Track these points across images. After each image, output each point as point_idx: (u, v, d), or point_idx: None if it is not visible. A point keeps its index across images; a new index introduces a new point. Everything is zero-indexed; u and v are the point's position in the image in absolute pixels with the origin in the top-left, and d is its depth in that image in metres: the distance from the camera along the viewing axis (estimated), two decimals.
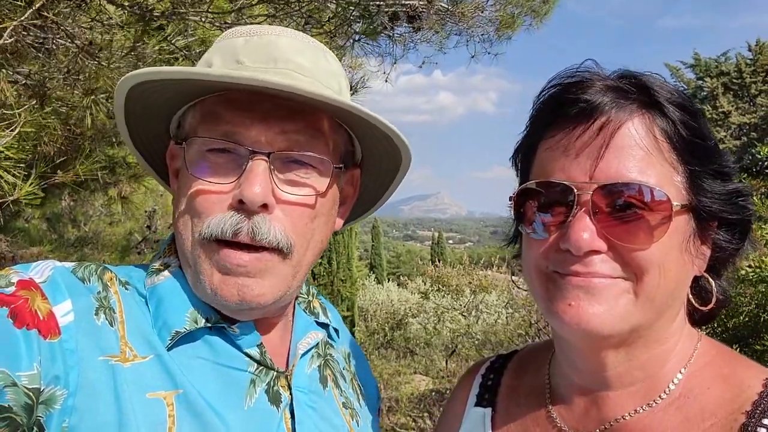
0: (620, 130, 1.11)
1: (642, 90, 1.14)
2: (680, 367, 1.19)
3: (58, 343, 1.07)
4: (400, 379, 13.88)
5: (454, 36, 5.89)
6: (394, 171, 1.53)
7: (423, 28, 5.67)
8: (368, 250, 58.21)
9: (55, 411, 1.04)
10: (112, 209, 11.90)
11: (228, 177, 1.24)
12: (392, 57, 5.88)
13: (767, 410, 1.05)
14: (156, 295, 1.29)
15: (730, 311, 5.90)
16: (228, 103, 1.26)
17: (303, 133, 1.27)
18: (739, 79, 25.92)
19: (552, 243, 1.16)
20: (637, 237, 1.09)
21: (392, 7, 5.16)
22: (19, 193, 2.20)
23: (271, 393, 1.30)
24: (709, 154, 1.15)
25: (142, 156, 1.52)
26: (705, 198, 1.14)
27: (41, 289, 1.12)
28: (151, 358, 1.18)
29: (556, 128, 1.17)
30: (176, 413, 1.15)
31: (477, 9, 5.32)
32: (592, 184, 1.10)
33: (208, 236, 1.22)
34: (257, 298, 1.24)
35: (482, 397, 1.50)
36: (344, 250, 20.39)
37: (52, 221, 12.15)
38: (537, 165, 1.23)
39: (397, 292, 20.13)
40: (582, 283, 1.11)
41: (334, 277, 19.82)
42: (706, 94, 26.75)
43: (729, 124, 25.38)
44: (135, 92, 1.30)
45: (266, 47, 1.31)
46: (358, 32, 3.69)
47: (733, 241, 1.20)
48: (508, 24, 5.52)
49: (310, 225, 1.31)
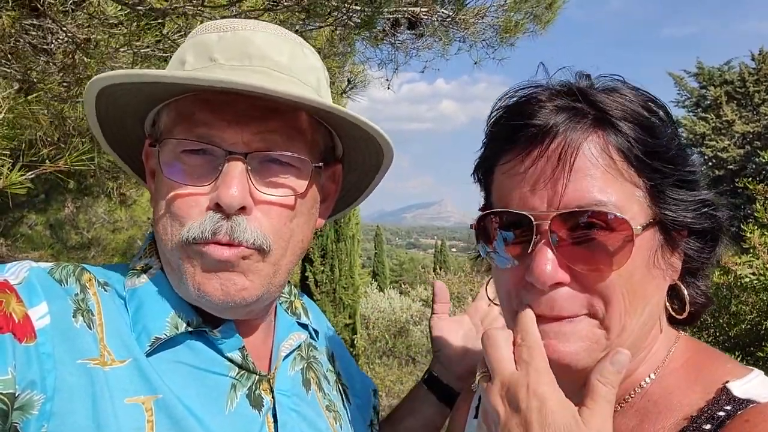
0: (575, 153, 1.06)
1: (593, 107, 1.09)
2: (650, 372, 1.18)
3: (34, 346, 1.04)
4: (403, 387, 13.83)
5: (457, 42, 5.90)
6: (377, 165, 1.50)
7: (425, 35, 5.68)
8: (371, 258, 58.16)
9: (32, 416, 1.01)
10: (114, 216, 11.92)
11: (204, 180, 1.21)
12: (394, 63, 5.89)
13: (712, 416, 1.03)
14: (136, 297, 1.26)
15: (732, 320, 5.87)
16: (202, 103, 1.22)
17: (280, 133, 1.24)
18: (743, 88, 25.91)
19: (519, 275, 1.13)
20: (599, 263, 1.06)
21: (394, 13, 5.18)
22: (5, 181, 2.19)
23: (252, 397, 1.29)
24: (671, 165, 1.10)
25: (119, 156, 1.49)
26: (669, 210, 1.10)
27: (16, 291, 1.09)
28: (129, 362, 1.16)
29: (510, 154, 1.14)
30: (155, 419, 1.12)
31: (478, 15, 5.33)
32: (550, 212, 1.06)
33: (188, 240, 1.20)
34: (241, 293, 1.22)
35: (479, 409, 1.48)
36: (347, 257, 20.37)
37: (54, 227, 12.18)
38: (495, 189, 1.19)
39: (399, 299, 20.07)
40: (554, 327, 1.09)
41: (337, 285, 19.78)
42: (709, 103, 26.74)
43: (733, 132, 25.35)
44: (107, 92, 1.27)
45: (241, 44, 1.28)
46: (358, 24, 3.69)
47: (704, 249, 1.16)
48: (510, 30, 5.53)
49: (289, 225, 1.28)
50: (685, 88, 28.19)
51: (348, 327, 17.65)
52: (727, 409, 1.03)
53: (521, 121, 1.10)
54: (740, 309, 5.71)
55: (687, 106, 28.46)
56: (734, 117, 25.50)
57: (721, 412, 1.03)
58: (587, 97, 1.10)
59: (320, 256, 19.66)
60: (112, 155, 1.50)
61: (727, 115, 25.51)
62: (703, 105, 27.26)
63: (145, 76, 1.18)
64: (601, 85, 1.15)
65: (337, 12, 3.53)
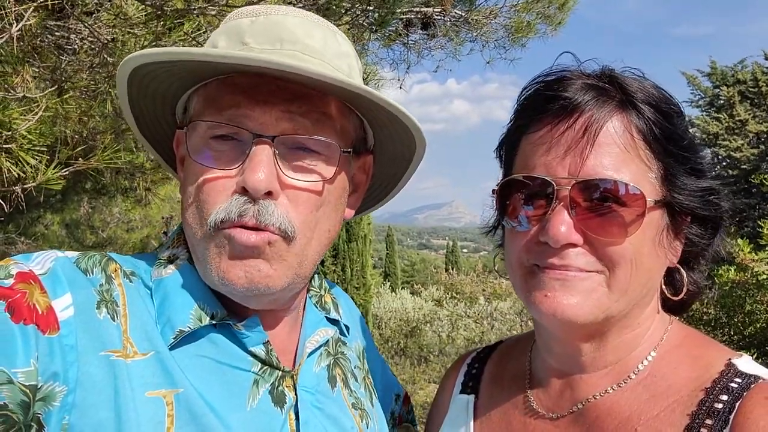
0: (600, 129, 1.15)
1: (620, 89, 1.19)
2: (650, 349, 1.25)
3: (57, 338, 1.04)
4: (415, 387, 13.85)
5: (469, 42, 5.93)
6: (409, 158, 1.48)
7: (437, 35, 5.71)
8: (383, 259, 58.13)
9: (54, 408, 1.01)
10: (129, 216, 12.04)
11: (231, 163, 1.20)
12: (406, 63, 5.93)
13: (725, 387, 1.10)
14: (161, 289, 1.25)
15: (746, 319, 5.86)
16: (232, 86, 1.21)
17: (309, 116, 1.22)
18: (756, 88, 25.66)
19: (532, 236, 1.21)
20: (611, 231, 1.14)
21: (407, 14, 5.22)
22: (43, 177, 2.26)
23: (275, 393, 1.26)
24: (683, 152, 1.19)
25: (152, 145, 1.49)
26: (678, 194, 1.19)
27: (40, 282, 1.08)
28: (152, 355, 1.15)
29: (539, 123, 1.22)
30: (175, 413, 1.11)
31: (490, 16, 5.36)
32: (571, 179, 1.15)
33: (215, 225, 1.19)
34: (265, 280, 1.20)
35: (467, 385, 1.56)
36: (358, 257, 20.42)
37: (71, 227, 12.32)
38: (520, 158, 1.27)
39: (411, 299, 20.10)
40: (558, 275, 1.16)
41: (348, 285, 19.84)
42: (723, 103, 26.51)
43: (746, 132, 25.12)
44: (138, 77, 1.26)
45: (273, 27, 1.26)
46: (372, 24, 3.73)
47: (704, 236, 1.25)
48: (521, 30, 5.55)
49: (316, 213, 1.26)
50: (699, 87, 27.96)
51: None
52: (738, 381, 1.10)
53: (552, 93, 1.19)
54: (755, 308, 5.69)
55: (700, 106, 28.23)
56: (747, 117, 25.27)
57: (732, 383, 1.10)
58: (615, 80, 1.20)
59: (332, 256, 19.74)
60: (143, 142, 1.49)
61: (741, 114, 25.29)
62: (717, 104, 27.03)
63: (176, 54, 1.16)
64: (626, 75, 1.23)
65: (351, 12, 3.57)
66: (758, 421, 1.02)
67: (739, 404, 1.06)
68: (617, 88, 1.19)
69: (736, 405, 1.06)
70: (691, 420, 1.09)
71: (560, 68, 1.26)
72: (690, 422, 1.09)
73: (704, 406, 1.10)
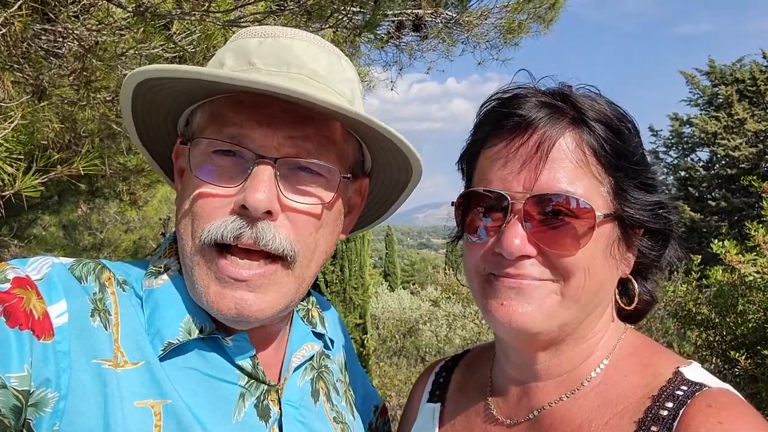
0: (553, 145, 1.19)
1: (572, 107, 1.23)
2: (603, 358, 1.29)
3: (52, 344, 1.04)
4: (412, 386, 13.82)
5: (461, 44, 5.94)
6: (405, 182, 1.50)
7: (429, 37, 5.72)
8: (382, 258, 58.12)
9: (46, 414, 1.02)
10: (126, 216, 12.06)
11: (232, 181, 1.20)
12: (398, 65, 5.94)
13: (671, 395, 1.13)
14: (152, 299, 1.25)
15: (738, 319, 5.86)
16: (237, 105, 1.22)
17: (311, 140, 1.23)
18: (754, 86, 25.67)
19: (489, 246, 1.25)
20: (564, 243, 1.18)
21: (399, 16, 5.22)
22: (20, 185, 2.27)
23: (260, 407, 1.27)
24: (634, 168, 1.24)
25: (149, 153, 1.50)
26: (629, 208, 1.23)
27: (37, 288, 1.09)
28: (142, 365, 1.16)
29: (495, 139, 1.27)
30: (163, 423, 1.12)
31: (482, 16, 5.37)
32: (525, 194, 1.19)
33: (208, 241, 1.19)
34: (255, 314, 1.21)
35: (434, 393, 1.60)
36: (357, 258, 20.40)
37: (67, 228, 12.34)
38: (478, 172, 1.32)
39: (409, 299, 20.11)
40: (513, 284, 1.21)
41: (347, 285, 19.83)
42: (721, 101, 26.51)
43: (745, 131, 25.12)
44: (142, 89, 1.27)
45: (280, 50, 1.28)
46: (360, 26, 3.75)
47: (655, 248, 1.30)
48: (513, 30, 5.56)
49: (315, 235, 1.27)
50: (697, 86, 27.96)
51: (358, 327, 17.68)
52: (684, 389, 1.13)
53: (507, 111, 1.24)
54: (747, 308, 5.70)
55: (699, 105, 28.25)
56: (746, 115, 25.27)
57: (678, 391, 1.13)
58: (567, 98, 1.24)
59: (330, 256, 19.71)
60: (142, 152, 1.50)
61: (739, 113, 25.29)
62: (715, 103, 27.03)
63: (185, 72, 1.16)
64: (580, 92, 1.28)
65: (337, 13, 3.58)
66: (698, 428, 1.05)
67: (682, 411, 1.09)
68: (570, 105, 1.23)
69: (680, 412, 1.09)
70: (637, 427, 1.13)
71: (516, 85, 1.30)
72: (636, 429, 1.12)
73: (650, 412, 1.13)
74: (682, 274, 6.46)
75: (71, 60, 2.96)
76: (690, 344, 6.11)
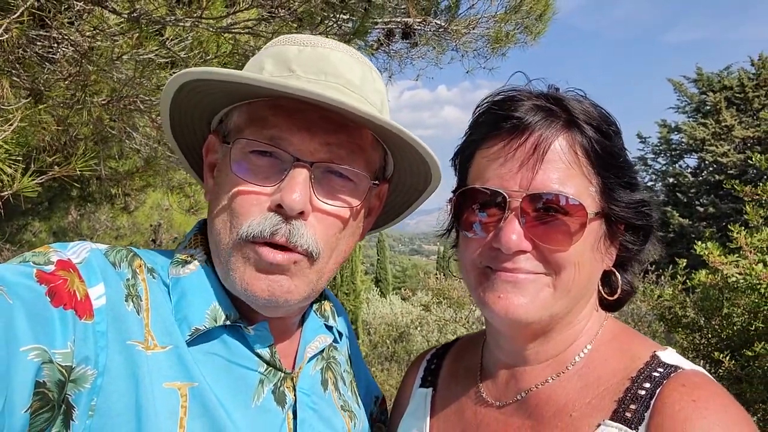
0: (549, 147, 1.27)
1: (565, 110, 1.31)
2: (586, 343, 1.38)
3: (92, 324, 1.11)
4: None
5: (450, 51, 6.02)
6: (421, 190, 1.59)
7: (419, 44, 5.80)
8: (374, 265, 58.06)
9: (85, 390, 1.08)
10: (117, 223, 12.05)
11: (269, 181, 1.28)
12: (388, 72, 6.01)
13: (648, 376, 1.22)
14: (179, 287, 1.32)
15: (724, 322, 5.95)
16: (276, 108, 1.30)
17: (345, 147, 1.32)
18: (742, 94, 25.95)
19: (486, 241, 1.32)
20: (557, 239, 1.27)
21: (388, 24, 5.30)
22: (18, 185, 2.31)
23: (277, 393, 1.36)
24: (620, 168, 1.33)
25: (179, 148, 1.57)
26: (615, 206, 1.32)
27: (78, 271, 1.15)
28: (170, 348, 1.23)
29: (494, 140, 1.34)
30: (188, 404, 1.19)
31: (470, 26, 5.45)
32: (522, 192, 1.27)
33: (246, 236, 1.27)
34: (286, 295, 1.30)
35: (426, 379, 1.68)
36: (348, 263, 20.45)
37: (58, 235, 12.31)
38: (474, 169, 1.39)
39: (400, 304, 20.15)
40: (510, 278, 1.28)
41: (338, 291, 19.87)
42: (709, 108, 26.76)
43: (732, 138, 25.38)
44: (185, 89, 1.34)
45: (319, 60, 1.35)
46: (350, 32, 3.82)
47: (637, 242, 1.40)
48: (501, 40, 5.64)
49: (338, 235, 1.36)
50: (685, 93, 28.22)
51: None
52: (660, 371, 1.23)
53: (504, 112, 1.32)
54: (732, 311, 5.79)
55: (687, 112, 28.51)
56: (734, 122, 25.53)
57: (655, 372, 1.23)
58: (560, 102, 1.32)
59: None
60: (173, 146, 1.57)
61: (727, 120, 25.54)
62: (703, 110, 27.28)
63: (238, 77, 1.24)
64: (570, 95, 1.37)
65: (328, 20, 3.65)
66: (674, 405, 1.14)
67: (659, 391, 1.18)
68: (563, 109, 1.31)
69: (656, 392, 1.18)
70: (617, 405, 1.21)
71: (510, 88, 1.39)
72: (617, 407, 1.21)
73: (630, 392, 1.22)
74: (669, 277, 6.54)
75: (66, 65, 3.02)
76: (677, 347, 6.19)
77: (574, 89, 1.38)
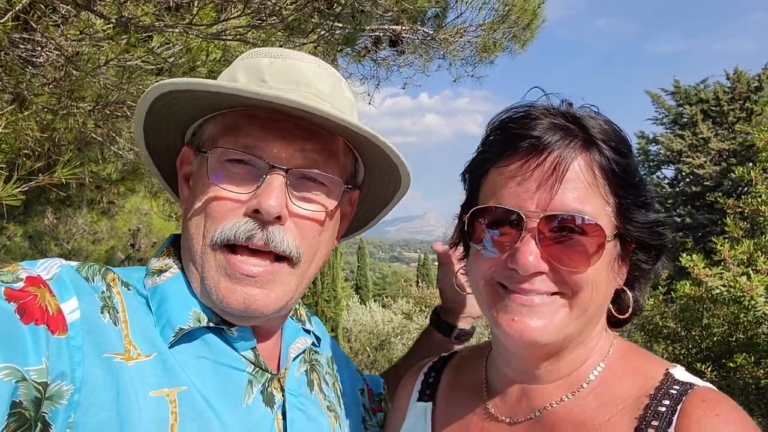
0: (567, 168, 1.25)
1: (582, 129, 1.29)
2: (599, 361, 1.37)
3: (66, 339, 1.09)
4: None
5: (437, 59, 6.03)
6: (390, 197, 1.63)
7: (406, 52, 5.79)
8: (354, 272, 58.02)
9: (61, 407, 1.05)
10: (95, 227, 11.86)
11: (245, 187, 1.31)
12: (376, 79, 6.00)
13: (666, 393, 1.23)
14: (158, 294, 1.33)
15: (704, 333, 6.02)
16: (251, 118, 1.33)
17: (320, 154, 1.36)
18: (717, 107, 26.44)
19: (500, 261, 1.30)
20: (575, 260, 1.25)
21: (376, 31, 5.29)
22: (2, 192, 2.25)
23: (265, 394, 1.37)
24: (635, 187, 1.31)
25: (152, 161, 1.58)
26: (631, 226, 1.31)
27: (49, 286, 1.14)
28: (155, 356, 1.22)
29: (510, 159, 1.31)
30: (178, 410, 1.19)
31: (458, 34, 5.46)
32: (539, 213, 1.24)
33: (220, 241, 1.29)
34: (262, 308, 1.31)
35: (424, 393, 1.65)
36: (329, 270, 20.35)
37: (34, 239, 12.07)
38: (488, 187, 1.36)
39: (381, 312, 20.09)
40: (526, 302, 1.26)
41: (319, 298, 19.76)
42: (686, 121, 27.23)
43: (708, 150, 25.83)
44: (162, 101, 1.35)
45: (290, 70, 1.39)
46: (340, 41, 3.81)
47: (649, 261, 1.38)
48: (488, 49, 5.66)
49: (318, 239, 1.39)
50: (663, 105, 28.68)
51: None
52: (677, 388, 1.23)
53: (521, 131, 1.29)
54: (712, 322, 5.86)
55: (664, 124, 28.95)
56: (710, 134, 26.00)
57: (672, 390, 1.23)
58: (578, 120, 1.30)
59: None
60: (147, 161, 1.58)
61: (703, 132, 26.00)
62: (680, 122, 27.74)
63: (215, 86, 1.27)
64: (585, 112, 1.34)
65: (319, 29, 3.63)
66: (699, 420, 1.15)
67: (680, 407, 1.18)
68: (580, 127, 1.29)
69: (678, 408, 1.18)
70: (639, 422, 1.21)
71: (525, 104, 1.36)
72: (638, 424, 1.21)
73: (650, 409, 1.21)
74: (650, 288, 6.60)
75: (50, 69, 2.95)
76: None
77: (588, 105, 1.36)
